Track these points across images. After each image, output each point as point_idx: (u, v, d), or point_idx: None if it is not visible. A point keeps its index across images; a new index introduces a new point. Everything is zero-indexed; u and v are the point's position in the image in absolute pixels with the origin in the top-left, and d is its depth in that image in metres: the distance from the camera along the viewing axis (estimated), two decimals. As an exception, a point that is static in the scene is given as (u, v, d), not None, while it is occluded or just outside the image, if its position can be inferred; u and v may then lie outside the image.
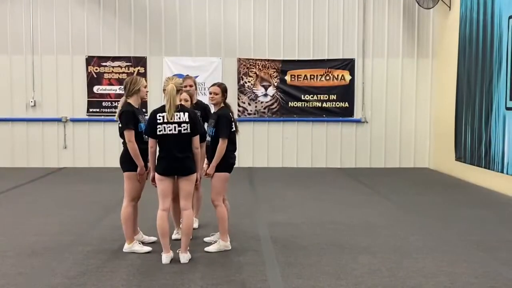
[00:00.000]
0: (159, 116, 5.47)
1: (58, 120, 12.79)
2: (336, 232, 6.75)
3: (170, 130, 5.46)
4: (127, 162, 5.82)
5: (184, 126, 5.48)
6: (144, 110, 6.17)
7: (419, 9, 12.60)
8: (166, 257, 5.49)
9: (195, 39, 12.87)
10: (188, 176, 5.55)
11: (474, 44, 10.77)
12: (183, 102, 5.86)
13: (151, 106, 11.83)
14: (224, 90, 6.08)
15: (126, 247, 5.79)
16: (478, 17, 10.57)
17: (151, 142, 5.55)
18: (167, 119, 5.44)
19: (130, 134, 5.71)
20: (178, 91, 5.57)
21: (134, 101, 5.89)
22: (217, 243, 5.90)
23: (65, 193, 9.50)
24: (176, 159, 5.47)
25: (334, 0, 12.91)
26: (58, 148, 12.84)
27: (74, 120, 12.82)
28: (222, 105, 6.05)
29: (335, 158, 13.07)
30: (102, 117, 12.82)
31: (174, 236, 6.30)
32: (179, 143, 5.49)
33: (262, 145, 13.06)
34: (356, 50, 12.95)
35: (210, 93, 6.06)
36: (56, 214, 7.76)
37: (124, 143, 5.84)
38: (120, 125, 5.83)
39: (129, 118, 5.74)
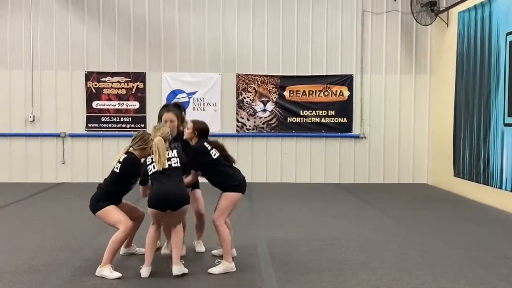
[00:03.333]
0: (148, 159, 5.58)
1: (57, 135, 12.79)
2: (335, 248, 6.72)
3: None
4: (97, 202, 5.75)
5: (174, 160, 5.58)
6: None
7: (417, 26, 12.69)
8: (145, 271, 5.49)
9: (194, 54, 12.93)
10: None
11: (472, 60, 10.83)
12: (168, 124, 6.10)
13: (151, 119, 11.90)
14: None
15: (98, 270, 5.56)
16: (476, 33, 10.64)
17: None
18: (159, 164, 5.51)
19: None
20: (166, 141, 5.61)
21: (138, 154, 5.85)
22: (221, 264, 5.77)
23: (63, 208, 9.48)
24: (174, 195, 5.53)
25: (332, 16, 13.01)
26: (56, 163, 12.83)
27: (72, 135, 12.82)
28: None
29: (333, 174, 13.07)
30: (101, 132, 12.83)
31: (163, 251, 6.27)
32: (170, 177, 5.54)
33: (261, 160, 13.06)
34: (354, 66, 13.02)
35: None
36: (54, 230, 7.73)
37: (104, 185, 5.80)
38: (117, 170, 5.76)
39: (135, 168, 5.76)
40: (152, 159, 5.54)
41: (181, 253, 5.64)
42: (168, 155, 5.56)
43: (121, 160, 5.75)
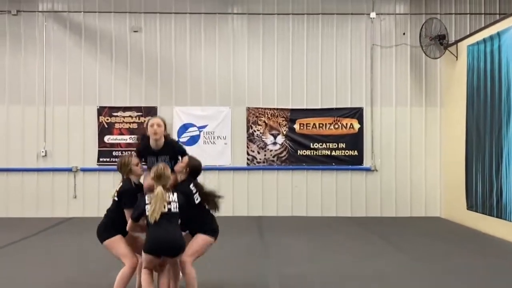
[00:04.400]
0: (147, 198, 5.51)
1: (69, 170, 12.85)
2: (348, 285, 6.63)
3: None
4: (104, 231, 5.80)
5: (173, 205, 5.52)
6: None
7: (426, 59, 12.76)
8: None
9: (205, 89, 13.04)
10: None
11: (482, 93, 10.83)
12: (155, 127, 5.90)
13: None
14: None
15: None
16: (485, 66, 10.66)
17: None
18: (151, 216, 5.42)
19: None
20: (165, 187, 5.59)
21: (134, 178, 5.90)
22: None
23: (75, 243, 9.46)
24: (170, 240, 5.46)
25: (341, 50, 13.11)
26: (67, 197, 12.86)
27: (84, 170, 12.87)
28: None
29: (345, 207, 12.99)
30: (113, 166, 12.87)
31: None
32: (168, 222, 5.46)
33: (272, 193, 13.01)
34: (364, 98, 13.05)
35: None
36: (65, 265, 7.71)
37: (108, 214, 5.83)
38: (116, 199, 5.79)
39: (131, 198, 5.73)
40: (151, 198, 5.46)
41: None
42: (168, 198, 5.48)
43: (118, 189, 5.79)
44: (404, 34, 13.03)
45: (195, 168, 5.93)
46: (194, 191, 5.80)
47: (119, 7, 12.98)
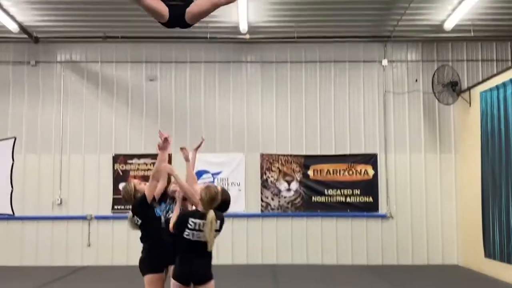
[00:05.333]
0: (192, 221, 5.34)
1: (83, 218, 12.89)
2: None
3: (197, 237, 5.36)
4: (147, 265, 5.76)
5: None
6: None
7: (439, 105, 12.79)
8: None
9: (219, 135, 13.14)
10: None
11: (496, 139, 10.79)
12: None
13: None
14: None
15: None
16: (499, 112, 10.66)
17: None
18: (197, 227, 5.31)
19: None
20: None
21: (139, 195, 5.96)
22: None
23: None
24: (199, 269, 5.39)
25: (354, 96, 13.20)
26: (82, 246, 12.85)
27: (98, 218, 12.90)
28: None
29: (361, 255, 12.81)
30: (127, 214, 12.86)
31: None
32: (199, 251, 5.40)
33: (286, 240, 12.90)
34: (378, 145, 13.05)
35: None
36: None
37: (145, 247, 5.77)
38: (139, 223, 5.77)
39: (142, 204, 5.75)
40: (195, 224, 5.29)
41: None
42: (216, 225, 5.34)
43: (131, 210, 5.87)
44: (416, 80, 13.12)
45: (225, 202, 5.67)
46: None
47: (136, 57, 13.27)
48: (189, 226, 5.33)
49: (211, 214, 5.28)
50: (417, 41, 13.19)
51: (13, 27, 11.75)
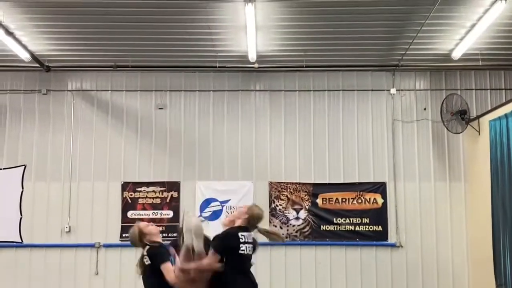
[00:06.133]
0: (241, 235, 5.30)
1: (91, 246, 12.86)
2: None
3: (249, 251, 5.32)
4: None
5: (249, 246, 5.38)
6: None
7: (448, 134, 12.76)
8: None
9: (227, 163, 13.15)
10: None
11: (506, 167, 10.73)
12: None
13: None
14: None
15: None
16: (509, 141, 10.62)
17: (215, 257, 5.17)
18: (246, 239, 5.29)
19: (169, 268, 5.58)
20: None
21: (154, 238, 5.92)
22: None
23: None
24: (255, 286, 5.27)
25: (363, 124, 13.21)
26: (89, 274, 12.78)
27: (107, 246, 12.87)
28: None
29: (370, 284, 12.65)
30: (135, 242, 12.84)
31: None
32: (250, 266, 5.33)
33: (295, 270, 12.77)
34: (387, 173, 13.00)
35: None
36: None
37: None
38: (148, 264, 5.72)
39: (162, 253, 5.71)
40: (245, 237, 5.24)
41: None
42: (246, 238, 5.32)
43: (145, 253, 5.71)
44: (425, 109, 13.12)
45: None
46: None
47: (145, 86, 13.40)
48: (241, 240, 5.26)
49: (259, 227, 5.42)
50: (425, 70, 13.23)
51: (25, 56, 11.92)
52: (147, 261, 5.76)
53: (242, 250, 5.19)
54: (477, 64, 12.41)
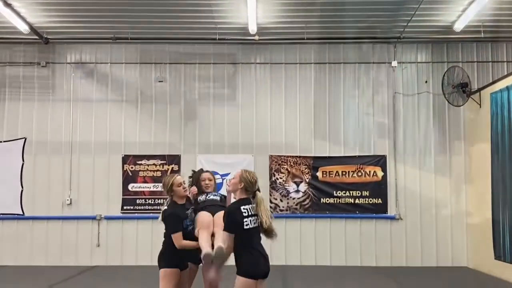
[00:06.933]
0: (243, 208, 5.25)
1: (93, 218, 12.93)
2: None
3: (254, 223, 5.24)
4: (164, 259, 5.77)
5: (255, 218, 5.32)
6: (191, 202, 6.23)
7: (449, 107, 12.73)
8: None
9: (228, 137, 13.15)
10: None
11: (506, 140, 10.72)
12: (207, 182, 6.20)
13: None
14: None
15: None
16: (509, 114, 10.59)
17: (230, 238, 5.21)
18: (250, 212, 5.24)
19: (179, 237, 5.66)
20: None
21: (177, 198, 5.92)
22: None
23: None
24: (266, 258, 5.23)
25: (363, 97, 13.17)
26: (91, 246, 12.89)
27: (108, 218, 12.95)
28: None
29: (370, 256, 12.77)
30: (136, 214, 12.94)
31: None
32: (259, 238, 5.28)
33: (295, 242, 12.88)
34: (387, 146, 13.01)
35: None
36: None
37: (166, 241, 5.80)
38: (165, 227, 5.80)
39: (175, 221, 5.73)
40: (248, 210, 5.19)
41: None
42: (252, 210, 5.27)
43: (165, 206, 5.84)
44: (426, 82, 13.06)
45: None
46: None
47: (145, 58, 13.31)
48: (244, 214, 5.22)
49: (258, 194, 5.32)
50: (427, 42, 13.15)
51: (23, 28, 11.83)
52: (161, 220, 5.83)
53: (247, 224, 5.19)
54: (479, 36, 12.32)
